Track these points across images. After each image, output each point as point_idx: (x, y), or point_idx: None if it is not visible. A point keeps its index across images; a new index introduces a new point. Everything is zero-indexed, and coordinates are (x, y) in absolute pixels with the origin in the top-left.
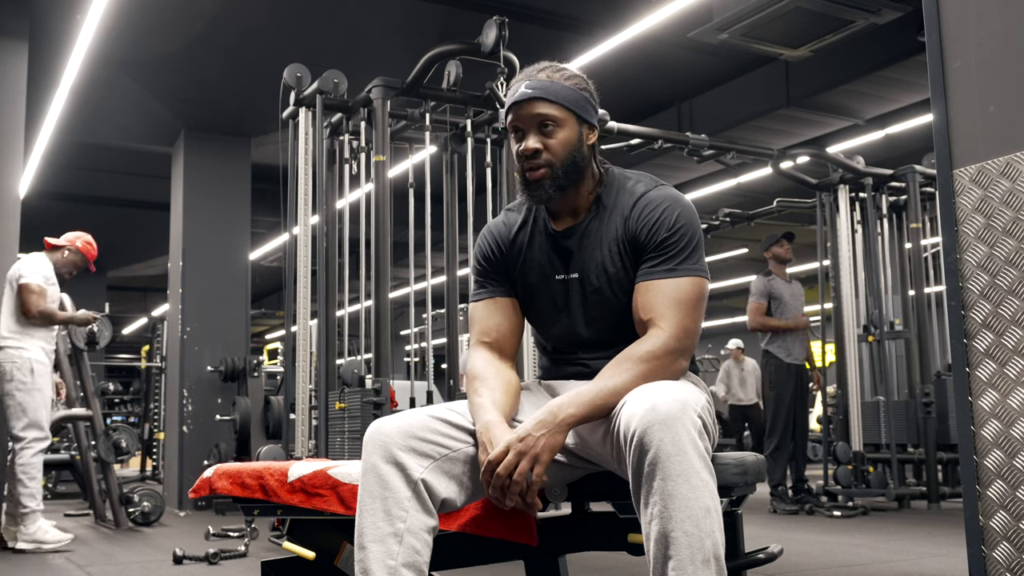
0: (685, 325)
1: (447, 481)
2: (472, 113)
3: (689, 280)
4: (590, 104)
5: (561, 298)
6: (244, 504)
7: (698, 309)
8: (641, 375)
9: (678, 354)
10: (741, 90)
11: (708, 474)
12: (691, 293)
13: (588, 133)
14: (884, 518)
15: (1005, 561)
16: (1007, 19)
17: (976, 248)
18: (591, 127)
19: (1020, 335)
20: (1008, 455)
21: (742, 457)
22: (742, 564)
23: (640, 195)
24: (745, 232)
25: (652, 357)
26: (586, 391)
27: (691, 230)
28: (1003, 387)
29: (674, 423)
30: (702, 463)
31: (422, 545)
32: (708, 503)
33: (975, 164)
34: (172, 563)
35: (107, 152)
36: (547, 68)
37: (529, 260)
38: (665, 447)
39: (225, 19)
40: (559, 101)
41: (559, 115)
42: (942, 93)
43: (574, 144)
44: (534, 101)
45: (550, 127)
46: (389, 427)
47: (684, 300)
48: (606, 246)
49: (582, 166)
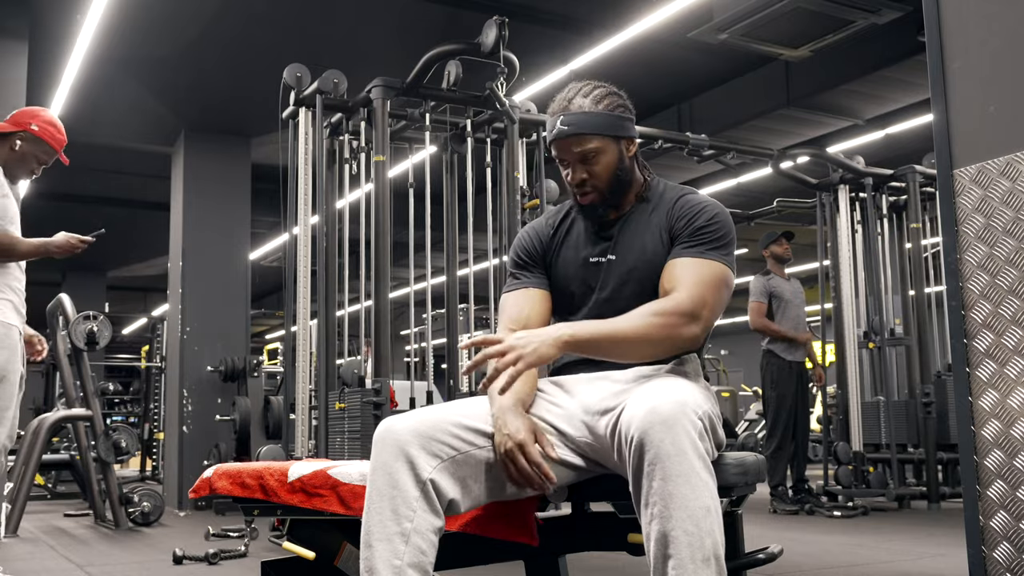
0: (704, 296)
1: (454, 482)
2: (472, 113)
3: (715, 263)
4: (625, 119)
5: (595, 279)
6: (244, 504)
7: (720, 290)
8: (651, 327)
9: (691, 318)
10: (741, 90)
11: (708, 474)
12: (715, 274)
13: (628, 147)
14: (884, 518)
15: (1005, 561)
16: (1007, 19)
17: (976, 248)
18: (630, 140)
19: (1020, 335)
20: (1008, 455)
21: (742, 457)
22: (742, 564)
23: (684, 194)
24: (745, 232)
25: (665, 312)
26: (593, 324)
27: (726, 228)
28: (1003, 387)
29: (674, 424)
30: (702, 463)
31: (428, 546)
32: (708, 503)
33: (975, 164)
34: (172, 563)
35: (107, 152)
36: (578, 93)
37: (567, 247)
38: (665, 447)
39: (225, 19)
40: (595, 132)
41: (598, 145)
42: (942, 93)
43: (616, 165)
44: (571, 138)
45: (591, 157)
46: (401, 426)
47: (707, 278)
48: (648, 234)
49: (627, 180)
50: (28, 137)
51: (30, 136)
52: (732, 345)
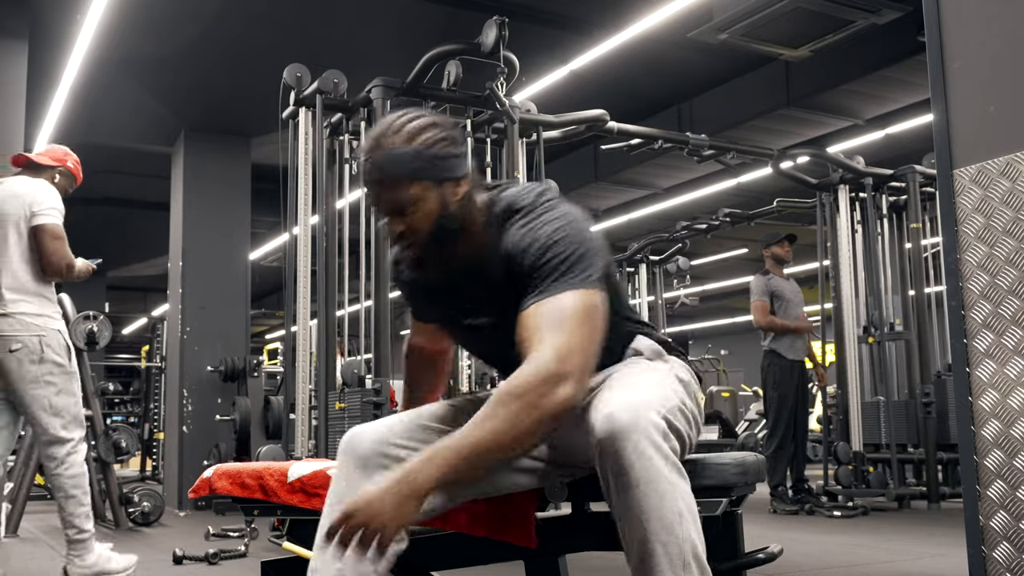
0: (567, 343)
1: None
2: (472, 113)
3: (569, 294)
4: (448, 157)
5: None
6: (244, 504)
7: (586, 323)
8: (513, 417)
9: (558, 379)
10: (741, 90)
11: (677, 475)
12: (572, 307)
13: (453, 189)
14: (884, 518)
15: (1005, 561)
16: (1007, 19)
17: (976, 248)
18: (456, 181)
19: (1020, 335)
20: (1008, 455)
21: (742, 457)
22: (742, 564)
23: (512, 223)
24: (745, 232)
25: (523, 388)
26: (450, 446)
27: (567, 244)
28: (1003, 387)
29: (631, 432)
30: (668, 466)
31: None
32: (680, 507)
33: (975, 164)
34: (172, 563)
35: (107, 152)
36: (390, 128)
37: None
38: (626, 456)
39: (225, 19)
40: (406, 177)
41: (410, 193)
42: (942, 93)
43: (437, 212)
44: (379, 184)
45: (407, 206)
46: (365, 438)
47: (564, 316)
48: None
49: (454, 227)
50: (65, 172)
51: (66, 172)
52: (732, 345)
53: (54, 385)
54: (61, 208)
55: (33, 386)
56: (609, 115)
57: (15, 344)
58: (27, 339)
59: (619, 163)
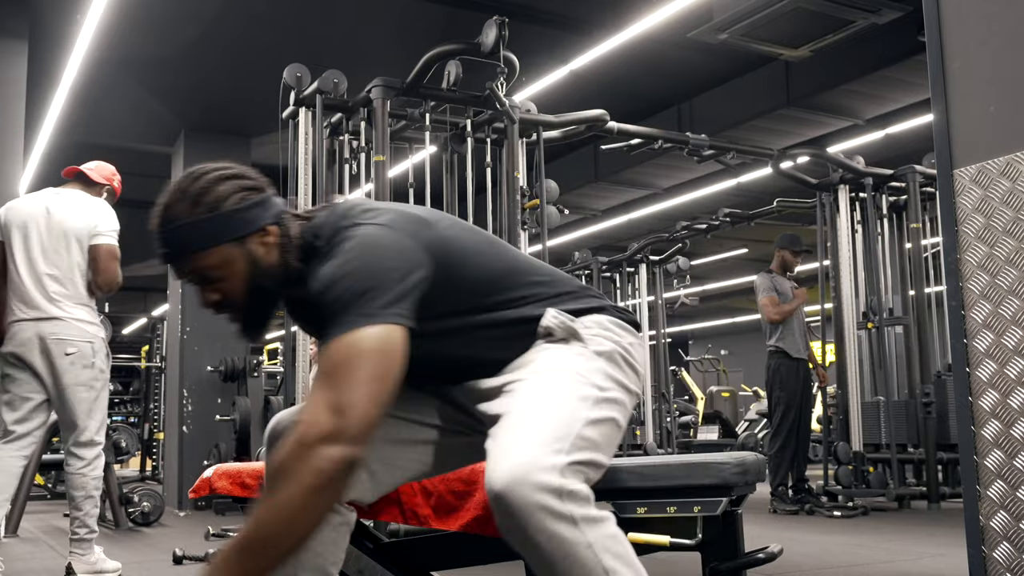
0: (335, 399)
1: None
2: (472, 113)
3: (344, 338)
4: (246, 210)
5: None
6: (244, 504)
7: (358, 368)
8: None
9: (325, 439)
10: (741, 90)
11: (590, 527)
12: (342, 354)
13: (260, 240)
14: (884, 518)
15: (1005, 561)
16: (1007, 19)
17: (976, 248)
18: (261, 230)
19: (1020, 335)
20: (1008, 455)
21: (742, 457)
22: (742, 564)
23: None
24: (745, 232)
25: (287, 465)
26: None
27: (347, 282)
28: (1003, 387)
29: (521, 509)
30: (576, 527)
31: (326, 545)
32: (605, 564)
33: (975, 164)
34: (172, 563)
35: (107, 152)
36: (173, 200)
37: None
38: (528, 537)
39: (225, 19)
40: (201, 247)
41: (212, 261)
42: (942, 93)
43: (248, 271)
44: (175, 259)
45: (213, 275)
46: (285, 422)
47: (333, 367)
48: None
49: (274, 275)
50: (111, 191)
51: (112, 191)
52: (732, 345)
53: (96, 390)
54: (118, 228)
55: (81, 389)
56: (609, 115)
57: (71, 348)
58: (81, 344)
59: (619, 163)
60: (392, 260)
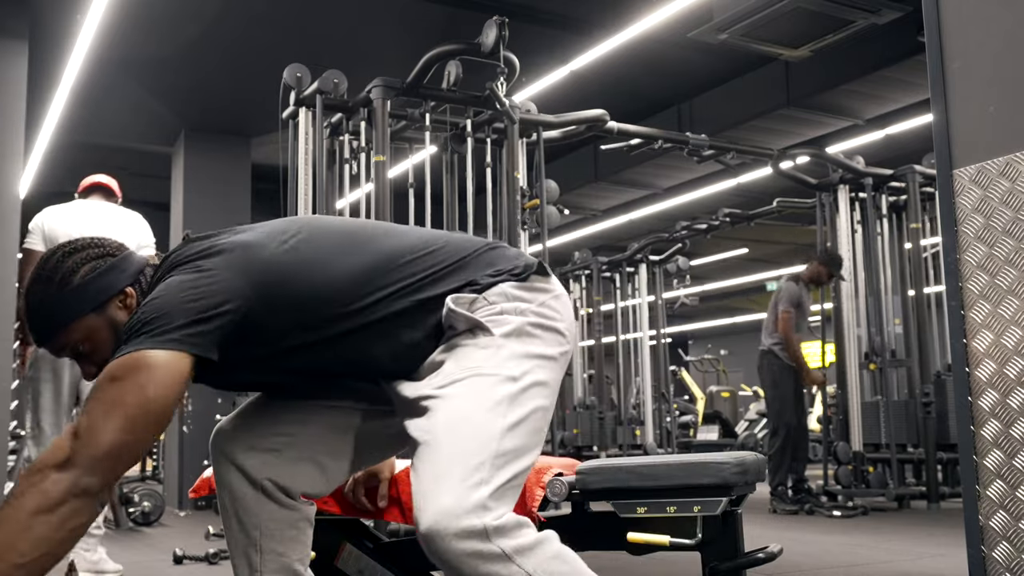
0: (82, 424)
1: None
2: (472, 113)
3: (110, 367)
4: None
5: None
6: None
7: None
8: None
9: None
10: (741, 90)
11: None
12: (105, 378)
13: (119, 304)
14: (884, 518)
15: (1005, 561)
16: (1007, 19)
17: (976, 248)
18: (118, 294)
19: (1020, 335)
20: (1008, 455)
21: (742, 457)
22: (742, 564)
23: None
24: (745, 232)
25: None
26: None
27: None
28: (1003, 387)
29: (444, 560)
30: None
31: (287, 543)
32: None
33: (975, 164)
34: (172, 563)
35: (107, 152)
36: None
37: None
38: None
39: (225, 19)
40: (61, 325)
41: (76, 336)
42: (942, 93)
43: (112, 337)
44: (45, 340)
45: (80, 349)
46: (226, 429)
47: (95, 389)
48: None
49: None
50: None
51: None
52: (732, 345)
53: None
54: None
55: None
56: (609, 115)
57: None
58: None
59: (619, 163)
60: (190, 298)
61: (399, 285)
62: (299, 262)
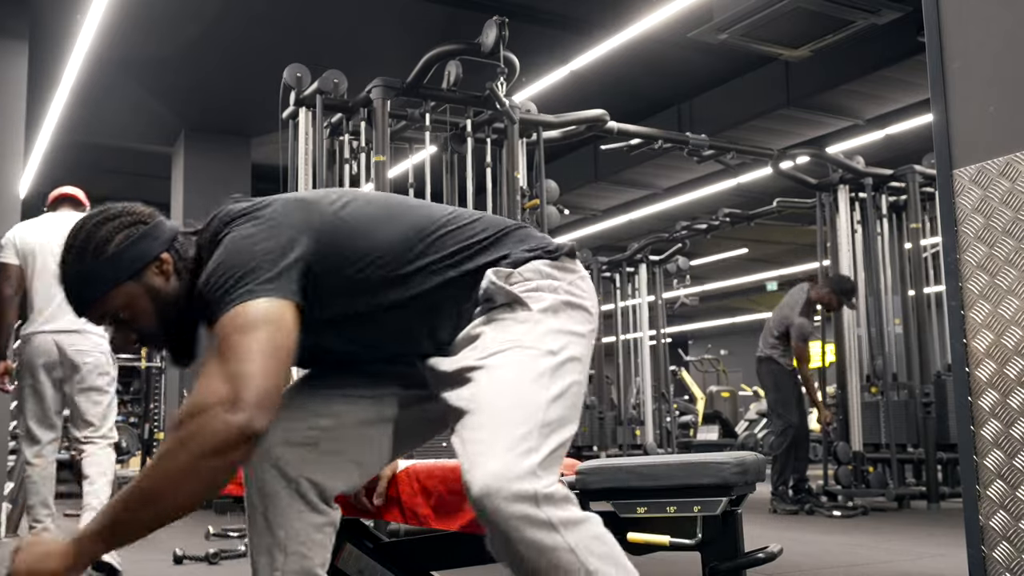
0: (229, 371)
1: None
2: (472, 113)
3: (223, 319)
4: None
5: None
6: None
7: (248, 341)
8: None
9: (225, 405)
10: (741, 90)
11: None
12: (228, 330)
13: (156, 271)
14: (884, 518)
15: (1005, 561)
16: (1007, 19)
17: (976, 248)
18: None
19: (1020, 335)
20: (1008, 455)
21: (742, 457)
22: (742, 564)
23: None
24: (745, 232)
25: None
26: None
27: (220, 271)
28: (1003, 387)
29: (502, 523)
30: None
31: (312, 548)
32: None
33: (975, 164)
34: (172, 563)
35: (107, 152)
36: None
37: None
38: (513, 549)
39: (225, 19)
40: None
41: (115, 304)
42: (942, 93)
43: (153, 303)
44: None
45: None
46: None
47: (223, 343)
48: None
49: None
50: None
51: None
52: (732, 345)
53: (110, 394)
54: None
55: (96, 394)
56: (609, 115)
57: (88, 358)
58: (97, 355)
59: (619, 163)
60: (264, 243)
61: (440, 254)
62: (348, 225)
